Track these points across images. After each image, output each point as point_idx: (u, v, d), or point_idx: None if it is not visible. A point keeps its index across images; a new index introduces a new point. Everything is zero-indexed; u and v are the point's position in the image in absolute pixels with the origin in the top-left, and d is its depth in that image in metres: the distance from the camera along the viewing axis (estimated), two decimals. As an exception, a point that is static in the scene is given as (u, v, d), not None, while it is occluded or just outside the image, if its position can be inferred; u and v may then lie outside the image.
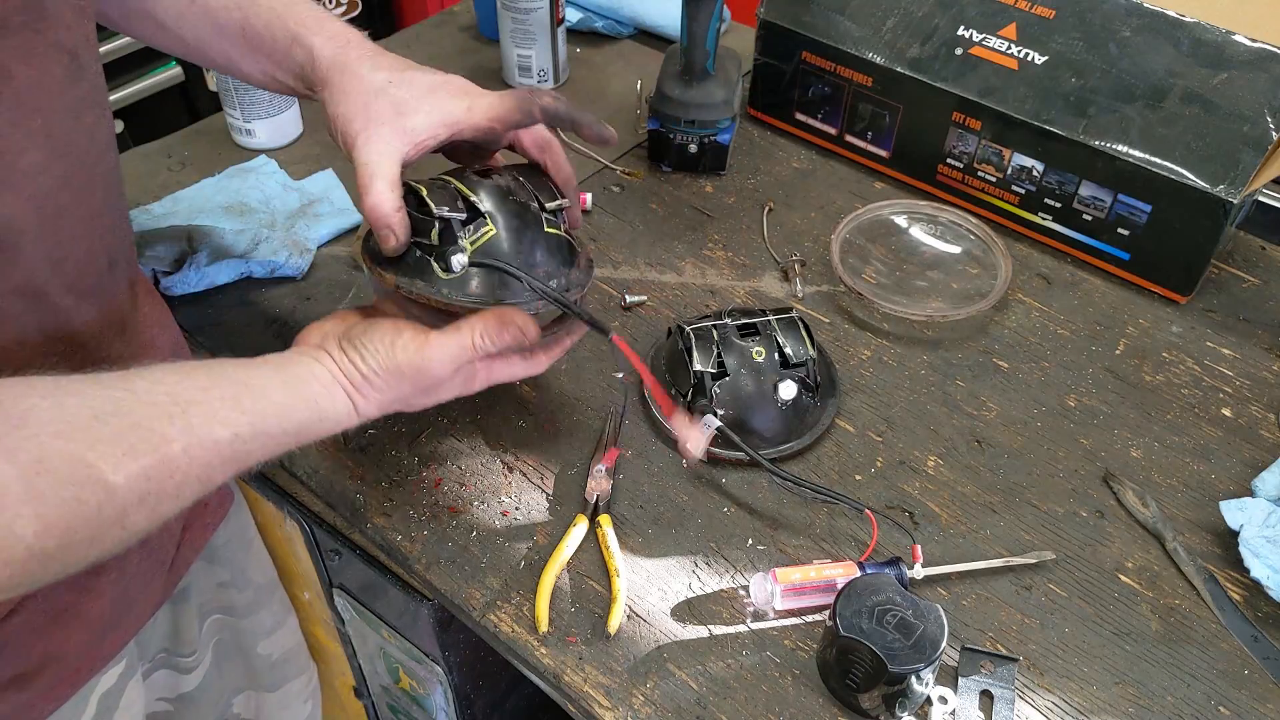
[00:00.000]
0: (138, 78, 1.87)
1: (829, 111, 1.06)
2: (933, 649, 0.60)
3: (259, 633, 0.92)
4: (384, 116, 0.64)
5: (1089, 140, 0.90)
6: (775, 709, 0.64)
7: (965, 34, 0.96)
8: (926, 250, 0.97)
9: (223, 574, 0.86)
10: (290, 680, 0.99)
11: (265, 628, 0.93)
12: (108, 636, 0.68)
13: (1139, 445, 0.80)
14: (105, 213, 0.56)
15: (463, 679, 0.91)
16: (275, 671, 0.96)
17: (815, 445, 0.79)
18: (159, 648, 0.82)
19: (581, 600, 0.70)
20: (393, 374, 0.60)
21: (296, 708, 1.01)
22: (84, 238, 0.53)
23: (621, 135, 1.11)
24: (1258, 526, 0.70)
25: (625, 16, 1.26)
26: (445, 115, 0.65)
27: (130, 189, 1.02)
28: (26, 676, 0.61)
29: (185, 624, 0.83)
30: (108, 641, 0.68)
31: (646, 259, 0.96)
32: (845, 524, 0.74)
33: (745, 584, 0.70)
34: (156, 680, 0.83)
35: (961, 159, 0.99)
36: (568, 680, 0.66)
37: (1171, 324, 0.91)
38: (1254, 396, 0.84)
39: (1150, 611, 0.70)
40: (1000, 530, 0.74)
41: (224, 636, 0.89)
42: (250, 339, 0.87)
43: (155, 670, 0.82)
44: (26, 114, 0.46)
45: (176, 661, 0.84)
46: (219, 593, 0.87)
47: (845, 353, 0.87)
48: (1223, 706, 0.65)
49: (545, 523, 0.74)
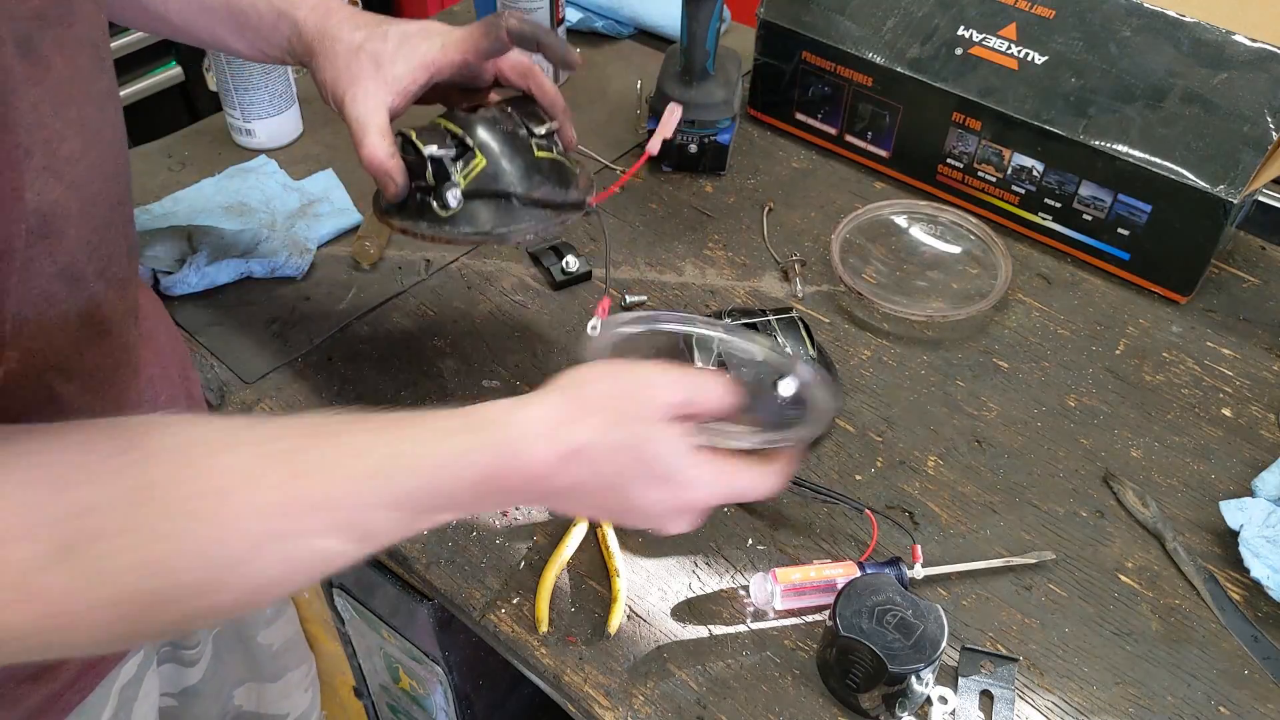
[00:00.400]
0: (138, 78, 1.87)
1: (829, 111, 1.06)
2: (933, 649, 0.60)
3: (259, 623, 0.92)
4: (366, 72, 0.67)
5: (1089, 140, 0.90)
6: (775, 709, 0.64)
7: (965, 34, 0.96)
8: (926, 250, 0.97)
9: None
10: (291, 670, 0.99)
11: (265, 617, 0.93)
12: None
13: (1139, 445, 0.80)
14: (126, 201, 0.57)
15: (463, 679, 0.91)
16: (276, 661, 0.96)
17: (815, 445, 0.79)
18: (164, 642, 0.82)
19: (581, 600, 0.70)
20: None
21: (297, 697, 1.01)
22: (112, 225, 0.55)
23: (621, 135, 1.12)
24: (1258, 526, 0.70)
25: (625, 16, 1.26)
26: (421, 58, 0.68)
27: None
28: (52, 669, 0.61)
29: None
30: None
31: (646, 259, 0.96)
32: (845, 524, 0.74)
33: (745, 584, 0.70)
34: (162, 674, 0.83)
35: (961, 159, 0.99)
36: (568, 680, 0.66)
37: (1171, 324, 0.91)
38: (1254, 396, 0.84)
39: (1150, 611, 0.70)
40: (1000, 530, 0.74)
41: (224, 628, 0.89)
42: (250, 339, 0.87)
43: (161, 664, 0.82)
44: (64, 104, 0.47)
45: (180, 655, 0.84)
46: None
47: (845, 353, 0.87)
48: (1223, 706, 0.65)
49: (545, 523, 0.74)
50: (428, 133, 0.68)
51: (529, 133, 0.70)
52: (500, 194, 0.68)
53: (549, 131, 0.71)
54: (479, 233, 0.68)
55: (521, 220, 0.69)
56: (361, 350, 0.87)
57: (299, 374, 0.85)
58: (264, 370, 0.85)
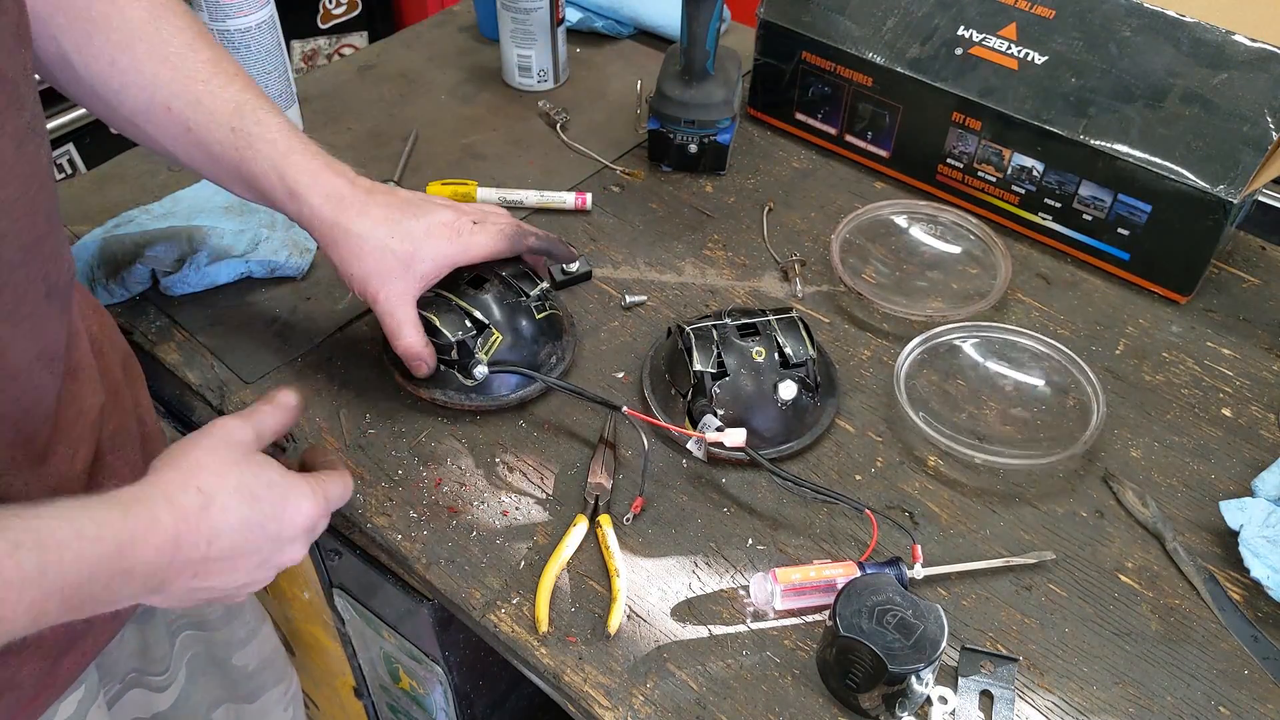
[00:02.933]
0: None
1: (829, 111, 1.06)
2: (933, 649, 0.60)
3: (233, 644, 0.91)
4: (395, 272, 0.74)
5: (1089, 140, 0.90)
6: (775, 709, 0.64)
7: (965, 34, 0.97)
8: (926, 250, 0.97)
9: None
10: (269, 689, 0.98)
11: (239, 638, 0.92)
12: (63, 662, 0.66)
13: (1139, 445, 0.80)
14: (47, 239, 0.56)
15: (463, 679, 0.91)
16: (253, 681, 0.95)
17: (815, 445, 0.79)
18: (129, 668, 0.81)
19: (581, 600, 0.70)
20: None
21: (276, 715, 1.00)
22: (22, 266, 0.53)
23: (621, 135, 1.12)
24: (1258, 526, 0.70)
25: (625, 16, 1.26)
26: (445, 259, 0.76)
27: (130, 189, 1.03)
28: None
29: (155, 642, 0.82)
30: (63, 667, 0.66)
31: (646, 259, 0.96)
32: (845, 524, 0.74)
33: (745, 584, 0.70)
34: (129, 701, 0.81)
35: (961, 159, 0.99)
36: (568, 680, 0.66)
37: (1171, 324, 0.91)
38: (1254, 396, 0.84)
39: (1150, 611, 0.70)
40: (1000, 530, 0.74)
41: (198, 651, 0.88)
42: (250, 339, 0.87)
43: (126, 691, 0.81)
44: None
45: (148, 680, 0.83)
46: (188, 608, 0.86)
47: (845, 353, 0.87)
48: (1223, 706, 0.65)
49: (545, 523, 0.74)
50: (447, 316, 0.78)
51: (527, 297, 0.81)
52: (514, 362, 0.80)
53: (541, 293, 0.82)
54: (502, 400, 0.80)
55: (534, 380, 0.80)
56: (361, 350, 0.87)
57: (299, 374, 0.85)
58: (264, 370, 0.85)
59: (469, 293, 0.79)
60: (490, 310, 0.79)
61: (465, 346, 0.78)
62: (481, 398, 0.80)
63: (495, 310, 0.79)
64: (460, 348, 0.78)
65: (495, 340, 0.78)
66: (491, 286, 0.80)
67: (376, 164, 1.06)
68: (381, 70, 1.22)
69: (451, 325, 0.78)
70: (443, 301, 0.79)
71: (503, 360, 0.79)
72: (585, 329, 0.89)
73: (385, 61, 1.24)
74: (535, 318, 0.81)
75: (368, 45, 1.49)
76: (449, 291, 0.79)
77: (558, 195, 1.01)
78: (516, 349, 0.80)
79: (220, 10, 0.96)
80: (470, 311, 0.78)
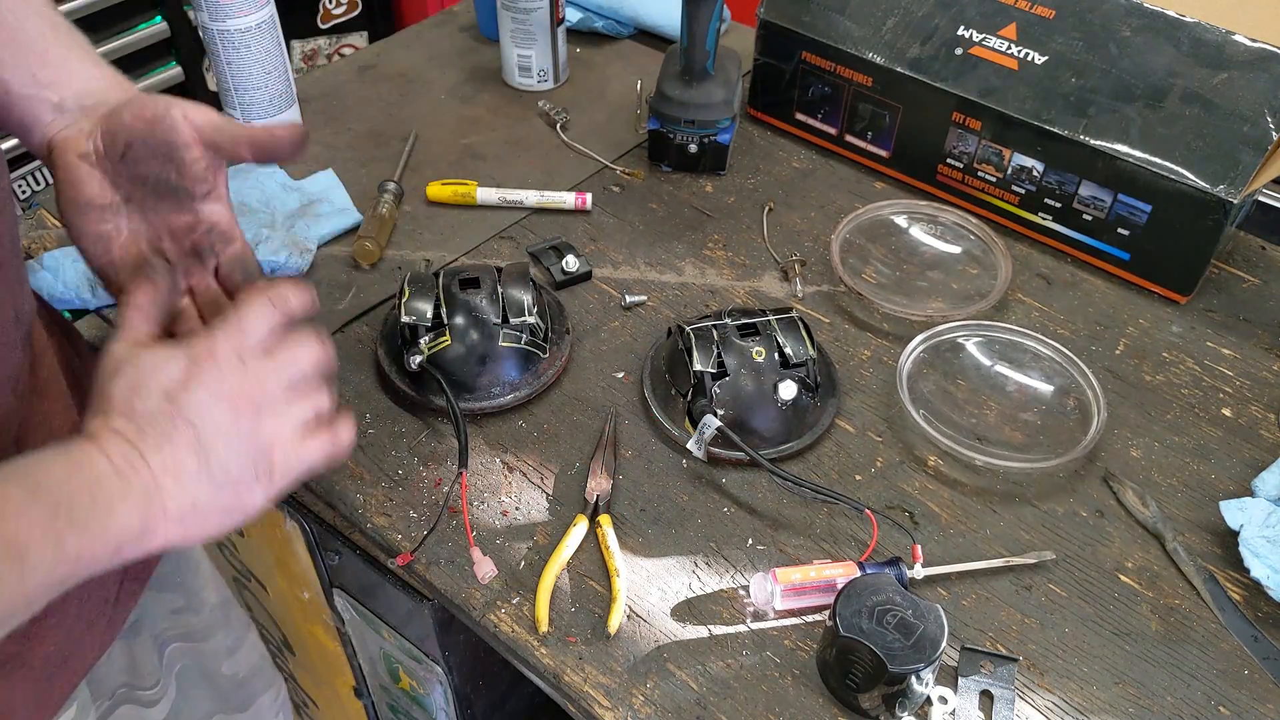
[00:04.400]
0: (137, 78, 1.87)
1: (829, 111, 1.06)
2: (933, 649, 0.60)
3: (220, 653, 0.91)
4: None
5: (1089, 140, 0.90)
6: (775, 709, 0.64)
7: (965, 34, 0.97)
8: (926, 250, 0.97)
9: (175, 600, 0.84)
10: (259, 696, 0.97)
11: (226, 647, 0.92)
12: (55, 682, 0.66)
13: (1139, 445, 0.80)
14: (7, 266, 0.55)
15: (463, 679, 0.91)
16: (243, 690, 0.95)
17: (815, 445, 0.79)
18: (118, 684, 0.80)
19: (581, 600, 0.70)
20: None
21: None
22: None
23: (621, 135, 1.12)
24: (1258, 526, 0.70)
25: (625, 16, 1.26)
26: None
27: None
28: None
29: (143, 656, 0.82)
30: (55, 686, 0.66)
31: (646, 259, 0.96)
32: (845, 524, 0.74)
33: (745, 584, 0.70)
34: (121, 717, 0.81)
35: (961, 159, 0.99)
36: (568, 680, 0.66)
37: (1171, 324, 0.91)
38: (1254, 396, 0.84)
39: (1150, 611, 0.70)
40: (1000, 530, 0.74)
41: (186, 663, 0.87)
42: (250, 339, 0.87)
43: (117, 707, 0.80)
44: None
45: (138, 695, 0.82)
46: (174, 620, 0.85)
47: (845, 353, 0.87)
48: (1223, 706, 0.65)
49: (545, 523, 0.74)
50: (420, 296, 0.80)
51: (504, 321, 0.80)
52: (455, 374, 0.79)
53: (523, 325, 0.80)
54: (500, 398, 0.80)
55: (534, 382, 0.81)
56: (362, 350, 0.87)
57: (299, 374, 0.85)
58: (264, 370, 0.85)
59: (454, 289, 0.81)
60: (455, 314, 0.80)
61: (413, 331, 0.79)
62: (481, 398, 0.80)
63: (459, 316, 0.80)
64: (410, 329, 0.79)
65: (442, 343, 0.79)
66: (485, 286, 0.81)
67: (376, 164, 1.06)
68: (381, 70, 1.22)
69: (417, 306, 0.80)
70: (429, 284, 0.81)
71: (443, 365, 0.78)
72: (585, 329, 0.89)
73: (385, 62, 1.24)
74: (499, 343, 0.80)
75: (367, 45, 1.49)
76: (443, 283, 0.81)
77: (558, 195, 1.01)
78: (466, 362, 0.79)
79: (220, 10, 0.96)
80: (439, 303, 0.80)
